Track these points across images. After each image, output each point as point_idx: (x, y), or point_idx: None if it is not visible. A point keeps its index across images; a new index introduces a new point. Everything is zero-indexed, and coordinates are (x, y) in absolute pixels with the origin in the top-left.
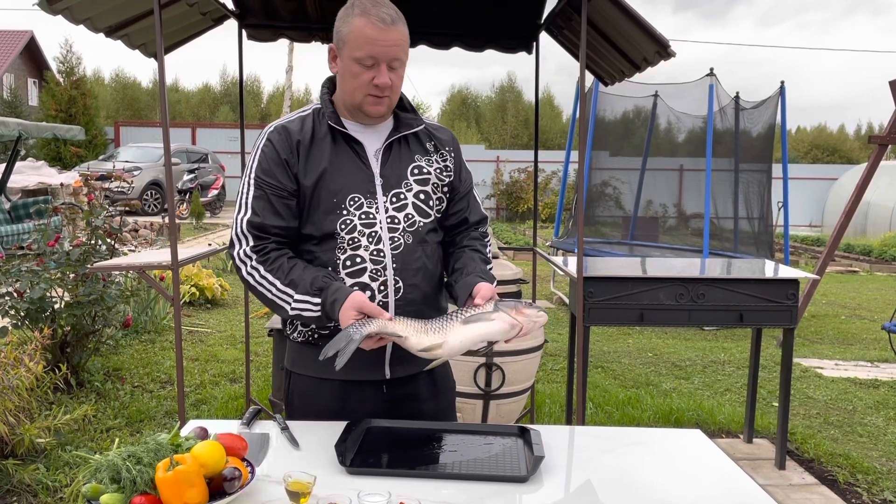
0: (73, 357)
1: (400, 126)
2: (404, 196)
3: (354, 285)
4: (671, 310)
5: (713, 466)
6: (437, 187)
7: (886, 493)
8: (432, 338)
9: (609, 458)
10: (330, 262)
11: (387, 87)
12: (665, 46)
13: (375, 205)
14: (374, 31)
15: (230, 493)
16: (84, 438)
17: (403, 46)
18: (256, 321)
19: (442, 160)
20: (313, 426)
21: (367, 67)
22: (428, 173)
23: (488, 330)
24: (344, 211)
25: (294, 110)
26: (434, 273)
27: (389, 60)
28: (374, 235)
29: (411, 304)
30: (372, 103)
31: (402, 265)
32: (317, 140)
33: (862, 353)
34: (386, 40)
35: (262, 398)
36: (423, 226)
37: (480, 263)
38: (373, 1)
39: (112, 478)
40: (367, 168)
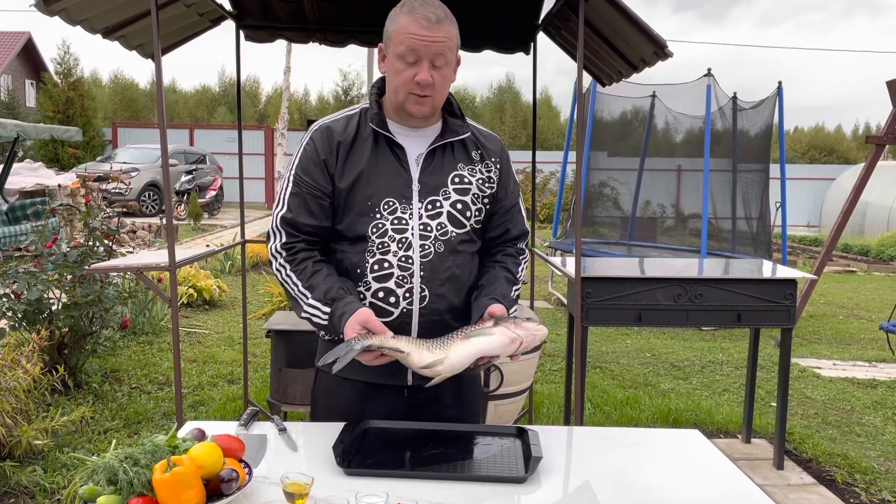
0: (71, 358)
1: (446, 132)
2: (440, 204)
3: (380, 290)
4: (669, 310)
5: (711, 467)
6: (478, 198)
7: (884, 493)
8: (434, 354)
9: (607, 458)
10: (359, 264)
11: (427, 84)
12: (662, 47)
13: (409, 210)
14: (418, 28)
15: (227, 495)
16: (82, 440)
17: (449, 45)
18: (254, 322)
19: (486, 170)
20: (312, 427)
21: (409, 64)
22: (469, 183)
23: (489, 345)
24: (377, 214)
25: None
26: (464, 284)
27: (432, 57)
28: (405, 241)
29: (435, 314)
30: (414, 102)
31: (430, 274)
32: (358, 141)
33: (860, 353)
34: (429, 37)
35: (259, 399)
36: (456, 236)
37: (504, 285)
38: (422, 1)
39: (109, 479)
40: (406, 172)
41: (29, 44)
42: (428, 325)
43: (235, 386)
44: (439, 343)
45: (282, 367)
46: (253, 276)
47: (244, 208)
